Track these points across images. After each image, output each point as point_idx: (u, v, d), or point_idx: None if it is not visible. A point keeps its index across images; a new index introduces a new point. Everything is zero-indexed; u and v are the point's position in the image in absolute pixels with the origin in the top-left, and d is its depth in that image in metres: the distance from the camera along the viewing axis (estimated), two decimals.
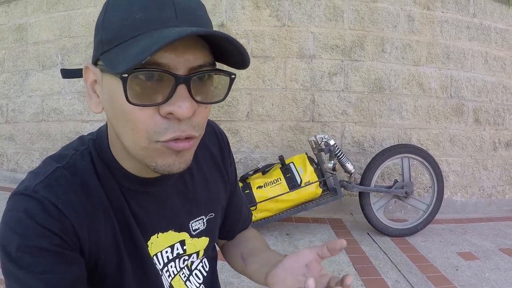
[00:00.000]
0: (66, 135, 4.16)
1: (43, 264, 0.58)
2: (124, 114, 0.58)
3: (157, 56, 0.54)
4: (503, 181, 4.23)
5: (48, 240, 0.59)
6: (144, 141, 0.59)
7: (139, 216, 0.73)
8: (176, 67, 0.55)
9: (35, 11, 4.26)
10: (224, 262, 1.04)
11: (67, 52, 4.09)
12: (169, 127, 0.58)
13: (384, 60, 3.76)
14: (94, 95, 0.65)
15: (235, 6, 3.62)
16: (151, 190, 0.74)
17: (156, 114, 0.57)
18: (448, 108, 3.95)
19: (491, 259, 2.85)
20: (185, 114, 0.56)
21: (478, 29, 4.01)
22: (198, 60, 0.57)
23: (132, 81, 0.54)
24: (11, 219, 0.60)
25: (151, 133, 0.58)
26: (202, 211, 0.85)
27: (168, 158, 0.61)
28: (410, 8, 3.80)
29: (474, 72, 4.02)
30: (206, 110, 0.62)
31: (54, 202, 0.61)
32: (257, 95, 3.67)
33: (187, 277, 0.85)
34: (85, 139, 0.74)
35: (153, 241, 0.76)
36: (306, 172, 2.95)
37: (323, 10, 3.66)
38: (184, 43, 0.56)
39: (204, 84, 0.60)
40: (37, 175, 0.64)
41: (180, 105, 0.56)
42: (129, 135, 0.60)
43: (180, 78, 0.55)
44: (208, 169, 0.88)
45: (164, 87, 0.56)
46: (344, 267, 2.58)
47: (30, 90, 4.32)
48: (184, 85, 0.56)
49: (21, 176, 4.30)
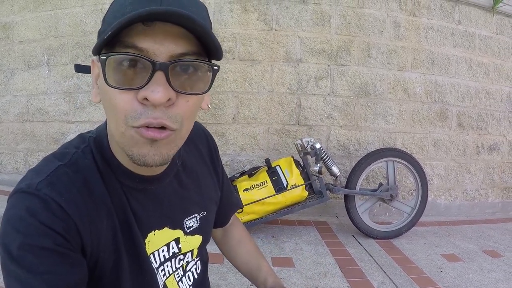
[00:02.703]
0: (51, 135, 4.11)
1: (45, 264, 0.57)
2: (107, 99, 0.59)
3: (138, 41, 0.55)
4: (486, 185, 4.31)
5: (51, 239, 0.58)
6: (122, 126, 0.59)
7: (138, 213, 0.73)
8: (155, 53, 0.56)
9: (22, 9, 4.20)
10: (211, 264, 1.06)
11: (53, 52, 4.06)
12: (143, 113, 0.57)
13: (370, 65, 3.80)
14: (96, 86, 0.67)
15: (223, 9, 3.63)
16: (150, 188, 0.75)
17: (134, 100, 0.57)
18: (432, 113, 4.01)
19: (475, 261, 2.90)
20: (158, 99, 0.56)
21: (462, 36, 4.09)
22: (179, 48, 0.57)
23: (111, 64, 0.56)
24: (12, 217, 0.59)
25: (128, 118, 0.58)
26: (195, 209, 0.87)
27: (143, 147, 0.60)
28: (396, 15, 3.85)
29: (458, 78, 4.09)
30: (188, 103, 0.61)
31: (57, 201, 0.60)
32: (244, 98, 3.68)
33: (180, 277, 0.86)
34: (85, 137, 0.74)
35: (150, 239, 0.76)
36: (292, 175, 2.97)
37: (311, 15, 3.69)
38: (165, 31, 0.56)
39: (185, 74, 0.59)
40: (39, 172, 0.64)
41: (153, 89, 0.56)
42: (112, 120, 0.61)
43: (158, 64, 0.56)
44: (199, 168, 0.90)
45: (143, 73, 0.56)
46: (330, 269, 2.60)
47: (15, 89, 4.26)
48: (162, 72, 0.56)
49: (4, 177, 4.24)
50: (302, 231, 3.31)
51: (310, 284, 2.38)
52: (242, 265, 1.09)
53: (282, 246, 2.95)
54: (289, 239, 3.10)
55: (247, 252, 1.10)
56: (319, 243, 3.04)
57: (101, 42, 0.55)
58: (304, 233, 3.26)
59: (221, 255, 2.55)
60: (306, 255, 2.81)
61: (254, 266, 1.06)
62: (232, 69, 3.65)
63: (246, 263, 1.08)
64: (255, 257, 1.08)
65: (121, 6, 0.58)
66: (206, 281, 0.98)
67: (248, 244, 1.12)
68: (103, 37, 0.54)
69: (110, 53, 0.56)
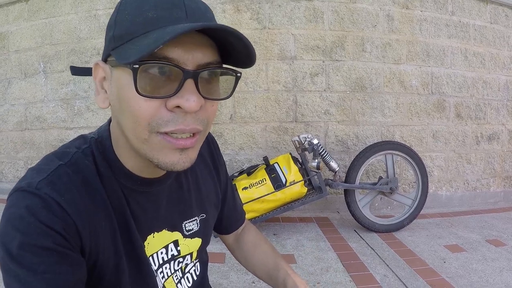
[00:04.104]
0: (50, 143, 4.12)
1: (45, 264, 0.57)
2: (129, 106, 0.59)
3: (167, 51, 0.56)
4: (487, 174, 4.30)
5: (51, 239, 0.58)
6: (145, 133, 0.60)
7: (138, 215, 0.74)
8: (184, 62, 0.57)
9: (16, 19, 4.23)
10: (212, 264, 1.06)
11: (49, 60, 4.07)
12: (172, 120, 0.59)
13: (364, 59, 3.80)
14: (102, 91, 0.66)
15: (216, 10, 3.63)
16: (150, 190, 0.75)
17: (162, 107, 0.58)
18: (430, 105, 4.00)
19: (478, 251, 2.89)
20: (192, 107, 0.58)
21: (457, 27, 4.08)
22: (206, 57, 0.59)
23: (141, 73, 0.56)
24: (12, 216, 0.58)
25: (152, 125, 0.59)
26: (195, 211, 0.87)
27: (172, 155, 0.62)
28: (389, 8, 3.85)
29: (454, 69, 4.08)
30: (213, 107, 0.64)
31: (57, 200, 0.60)
32: (240, 98, 3.69)
33: (179, 279, 0.86)
34: (87, 137, 0.74)
35: (149, 241, 0.77)
36: (290, 171, 2.97)
37: (303, 12, 3.69)
38: (193, 41, 0.58)
39: (210, 81, 0.61)
40: (39, 172, 0.64)
41: (188, 98, 0.57)
42: (131, 127, 0.61)
43: (189, 72, 0.57)
44: (199, 170, 0.90)
45: (172, 81, 0.57)
46: (332, 264, 2.59)
47: (12, 98, 4.28)
48: (192, 80, 0.58)
49: (5, 186, 4.26)
50: (304, 227, 3.31)
51: (312, 279, 2.38)
52: (259, 267, 1.03)
53: (284, 243, 2.95)
54: (290, 236, 3.09)
55: (264, 253, 1.05)
56: (320, 239, 3.04)
57: (146, 51, 0.52)
58: (306, 229, 3.26)
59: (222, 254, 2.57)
60: (307, 251, 2.81)
61: (271, 266, 1.00)
62: None
63: (263, 264, 1.02)
64: (272, 256, 1.03)
65: (141, 10, 0.58)
66: (206, 282, 0.98)
67: (263, 246, 1.07)
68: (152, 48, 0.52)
69: (146, 62, 0.55)
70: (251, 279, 2.32)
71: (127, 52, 0.56)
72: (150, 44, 0.52)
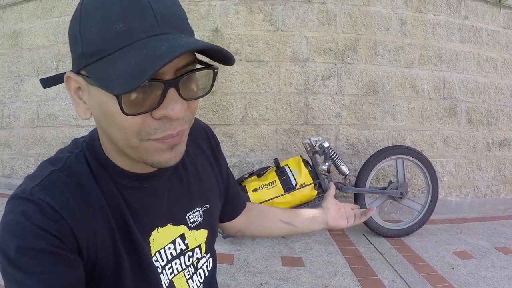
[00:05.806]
0: (61, 140, 4.16)
1: (42, 266, 0.59)
2: (115, 120, 0.59)
3: None
4: (497, 181, 4.27)
5: (46, 241, 0.59)
6: (136, 142, 0.61)
7: (137, 212, 0.74)
8: (163, 72, 0.57)
9: (30, 17, 4.26)
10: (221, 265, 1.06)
11: (62, 58, 4.10)
12: (160, 127, 0.60)
13: (377, 63, 3.79)
14: (81, 102, 0.65)
15: (229, 11, 3.64)
16: (148, 186, 0.76)
17: (148, 117, 0.59)
18: (441, 109, 3.98)
19: (487, 258, 2.88)
20: (178, 115, 0.59)
21: (469, 31, 4.05)
22: (182, 60, 0.59)
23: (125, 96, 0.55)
24: (9, 222, 0.60)
25: (142, 134, 0.60)
26: (197, 202, 0.87)
27: (164, 154, 0.64)
28: (402, 11, 3.83)
29: (467, 74, 4.05)
30: (195, 103, 0.65)
31: (51, 204, 0.61)
32: (252, 99, 3.69)
33: (191, 275, 0.86)
34: (79, 141, 0.75)
35: (154, 237, 0.77)
36: (301, 174, 2.97)
37: (316, 14, 3.69)
38: None
39: (190, 82, 0.61)
40: (33, 178, 0.66)
41: (173, 107, 0.58)
42: (121, 137, 0.62)
43: (170, 83, 0.57)
44: (199, 162, 0.91)
45: (154, 93, 0.57)
46: (340, 268, 2.59)
47: (25, 95, 4.32)
48: (174, 88, 0.58)
49: (16, 182, 4.30)
50: None
51: (320, 283, 2.38)
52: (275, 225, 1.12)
53: (292, 246, 2.95)
54: (299, 238, 3.09)
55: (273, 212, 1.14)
56: (329, 243, 3.04)
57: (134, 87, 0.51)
58: (314, 232, 3.25)
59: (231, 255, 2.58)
60: (316, 254, 2.81)
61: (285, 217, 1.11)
62: (240, 71, 3.66)
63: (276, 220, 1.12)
64: (282, 211, 1.14)
65: (108, 23, 0.55)
66: (215, 280, 0.98)
67: (271, 208, 1.17)
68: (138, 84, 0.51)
69: None
70: (259, 281, 2.33)
71: (108, 78, 0.55)
72: (134, 77, 0.51)
